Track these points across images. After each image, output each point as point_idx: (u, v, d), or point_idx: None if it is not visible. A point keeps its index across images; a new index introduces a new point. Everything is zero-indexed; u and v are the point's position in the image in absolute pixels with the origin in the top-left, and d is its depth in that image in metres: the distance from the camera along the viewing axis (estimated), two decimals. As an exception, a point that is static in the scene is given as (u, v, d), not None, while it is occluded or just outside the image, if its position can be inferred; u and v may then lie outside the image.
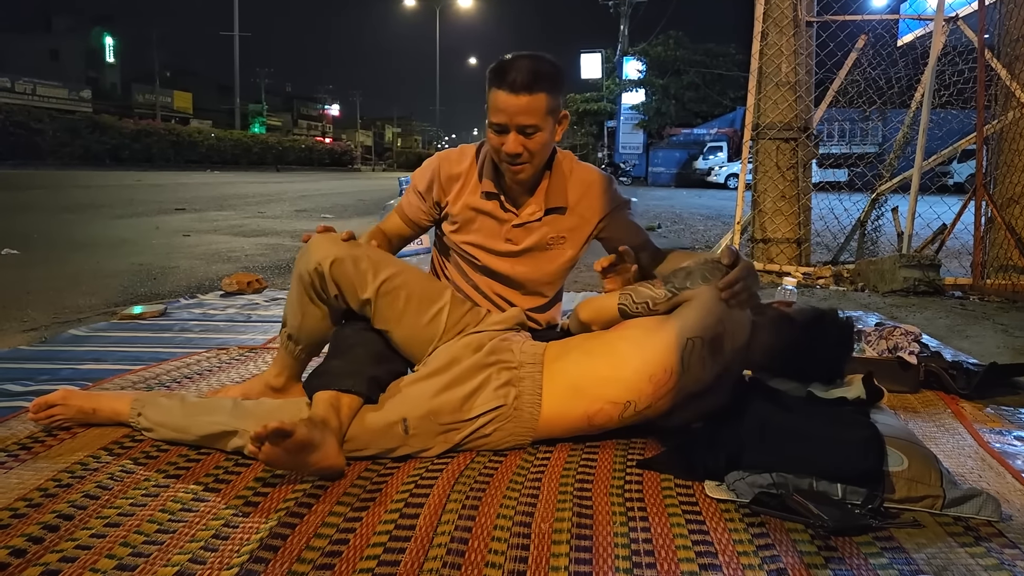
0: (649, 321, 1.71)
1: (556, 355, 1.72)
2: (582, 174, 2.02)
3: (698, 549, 1.28)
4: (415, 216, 2.04)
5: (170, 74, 58.41)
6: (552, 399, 1.66)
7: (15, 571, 1.13)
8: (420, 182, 2.02)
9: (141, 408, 1.74)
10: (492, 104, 1.79)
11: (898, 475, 1.46)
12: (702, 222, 10.73)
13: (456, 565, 1.19)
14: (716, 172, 28.70)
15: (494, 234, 1.99)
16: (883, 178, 5.59)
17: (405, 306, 1.76)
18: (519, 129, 1.78)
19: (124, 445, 1.68)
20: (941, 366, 2.31)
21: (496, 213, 1.98)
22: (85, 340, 2.71)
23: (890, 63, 5.61)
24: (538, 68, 1.76)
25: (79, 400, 1.79)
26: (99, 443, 1.68)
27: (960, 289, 4.58)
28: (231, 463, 1.59)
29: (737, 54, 32.38)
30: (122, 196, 11.99)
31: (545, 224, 1.99)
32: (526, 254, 2.01)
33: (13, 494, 1.40)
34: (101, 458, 1.59)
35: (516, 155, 1.81)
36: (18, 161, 22.26)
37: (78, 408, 1.77)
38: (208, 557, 1.20)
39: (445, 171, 2.00)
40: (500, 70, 1.76)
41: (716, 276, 1.66)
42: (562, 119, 1.89)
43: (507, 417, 1.65)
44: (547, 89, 1.77)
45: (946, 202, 5.28)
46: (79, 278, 4.21)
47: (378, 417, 1.62)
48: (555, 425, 1.68)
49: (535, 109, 1.76)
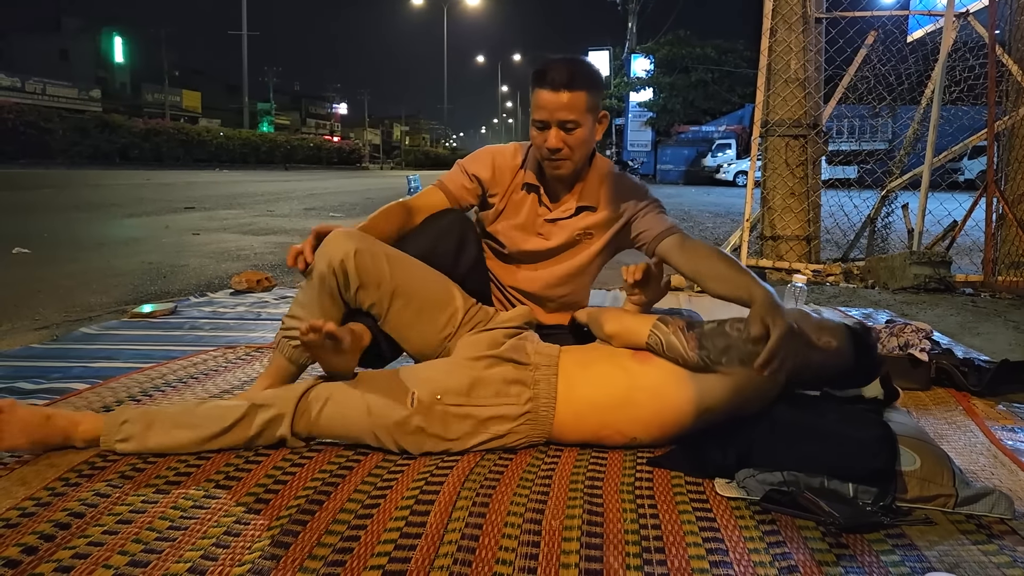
0: (672, 372, 1.64)
1: (574, 363, 1.71)
2: (617, 178, 2.11)
3: (709, 546, 1.27)
4: (459, 193, 2.08)
5: (179, 73, 58.62)
6: (566, 407, 1.65)
7: (29, 567, 1.14)
8: (471, 166, 2.10)
9: (124, 417, 1.60)
10: (535, 103, 1.90)
11: (910, 475, 1.45)
12: (711, 219, 10.70)
13: (467, 562, 1.19)
14: (724, 169, 28.62)
15: (527, 226, 2.09)
16: (893, 175, 5.57)
17: (416, 316, 1.79)
18: (560, 125, 1.89)
19: (108, 458, 1.56)
20: (952, 363, 2.30)
21: (532, 206, 2.08)
22: (96, 338, 2.73)
23: (900, 59, 5.58)
24: (577, 68, 1.88)
25: (26, 410, 1.57)
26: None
27: (971, 286, 4.56)
28: (241, 460, 1.59)
29: (745, 50, 32.24)
30: (132, 195, 12.04)
31: (575, 220, 2.07)
32: (554, 255, 2.10)
33: (19, 495, 1.40)
34: (108, 456, 1.60)
35: (557, 150, 1.91)
36: (28, 160, 22.37)
37: (25, 417, 1.55)
38: (220, 553, 1.21)
39: (499, 162, 2.11)
40: (542, 71, 1.88)
41: (753, 360, 1.51)
42: (602, 119, 1.99)
43: (523, 420, 1.65)
44: (586, 87, 1.88)
45: (957, 199, 5.24)
46: (89, 277, 4.23)
47: (390, 379, 1.66)
48: (567, 431, 1.68)
49: (575, 105, 1.86)
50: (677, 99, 34.26)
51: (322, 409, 1.63)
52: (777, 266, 5.11)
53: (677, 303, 3.67)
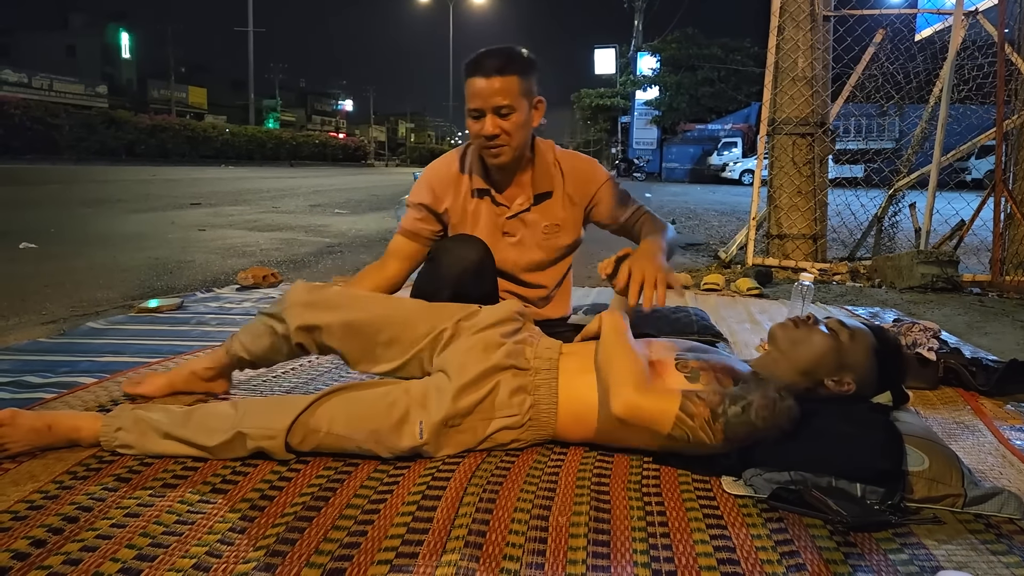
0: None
1: (576, 367, 1.66)
2: (566, 159, 2.13)
3: (716, 544, 1.27)
4: (415, 228, 2.11)
5: (185, 70, 58.67)
6: (568, 408, 1.63)
7: (37, 560, 1.14)
8: (414, 197, 2.13)
9: (119, 423, 1.58)
10: (468, 93, 1.93)
11: (919, 475, 1.45)
12: (716, 218, 10.69)
13: (475, 557, 1.19)
14: (730, 168, 28.57)
15: (492, 229, 2.09)
16: (900, 174, 5.55)
17: (384, 351, 1.76)
18: (495, 111, 1.90)
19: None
20: (960, 362, 2.29)
21: (489, 209, 2.08)
22: (103, 333, 2.73)
23: (908, 58, 5.55)
24: (508, 54, 1.90)
25: (28, 419, 1.57)
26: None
27: (979, 286, 4.54)
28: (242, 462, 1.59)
29: (752, 48, 32.16)
30: (138, 191, 12.06)
31: (536, 213, 2.09)
32: (524, 246, 2.11)
33: (27, 488, 1.41)
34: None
35: (494, 136, 1.91)
36: (35, 156, 22.43)
37: (29, 427, 1.55)
38: (224, 551, 1.20)
39: (434, 178, 2.11)
40: (473, 60, 1.91)
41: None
42: (538, 104, 1.99)
43: (526, 428, 1.63)
44: (518, 72, 1.89)
45: (964, 198, 5.22)
46: (96, 272, 4.24)
47: (392, 405, 1.57)
48: (571, 432, 1.66)
49: (508, 90, 1.88)
50: (683, 97, 34.17)
51: (321, 441, 1.57)
52: (783, 264, 5.10)
53: (683, 301, 3.67)
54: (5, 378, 2.07)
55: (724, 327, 3.01)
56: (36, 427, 1.56)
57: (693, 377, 1.59)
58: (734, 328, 3.11)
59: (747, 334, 3.01)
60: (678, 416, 1.45)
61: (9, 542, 1.19)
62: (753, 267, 4.89)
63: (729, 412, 1.45)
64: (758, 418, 1.45)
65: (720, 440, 1.46)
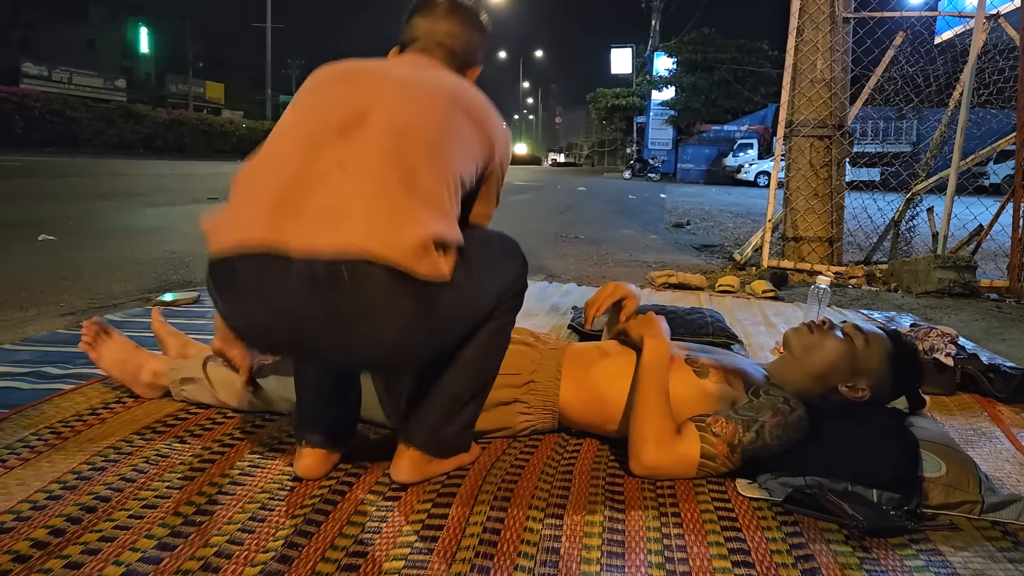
0: (700, 394, 1.61)
1: (587, 349, 1.76)
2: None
3: (731, 546, 1.27)
4: None
5: (203, 64, 58.96)
6: (571, 383, 1.67)
7: (56, 549, 1.16)
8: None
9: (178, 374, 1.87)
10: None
11: (935, 481, 1.44)
12: (731, 219, 10.64)
13: (489, 555, 1.20)
14: (746, 169, 28.40)
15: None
16: (918, 177, 5.51)
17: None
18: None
19: (157, 430, 1.70)
20: (978, 368, 2.28)
21: None
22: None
23: (928, 61, 5.51)
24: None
25: (120, 337, 1.94)
26: (130, 428, 1.70)
27: (996, 291, 4.50)
28: (264, 449, 1.61)
29: (770, 50, 31.97)
30: (155, 184, 12.13)
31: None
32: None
33: (47, 477, 1.43)
34: (134, 442, 1.62)
35: None
36: (54, 149, 22.61)
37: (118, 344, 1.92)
38: (245, 539, 1.22)
39: None
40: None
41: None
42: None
43: (527, 389, 1.66)
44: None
45: (983, 203, 5.18)
46: (113, 264, 4.27)
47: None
48: (575, 412, 1.68)
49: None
50: (699, 98, 34.01)
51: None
52: (799, 267, 5.07)
53: (698, 302, 3.66)
54: (24, 368, 2.09)
55: (739, 329, 3.00)
56: (125, 346, 1.94)
57: (702, 372, 1.62)
58: (749, 330, 3.10)
59: (762, 336, 3.00)
60: (700, 463, 1.48)
61: (44, 519, 1.21)
62: (768, 269, 4.87)
63: (745, 440, 1.47)
64: (772, 438, 1.48)
65: (739, 464, 1.49)
